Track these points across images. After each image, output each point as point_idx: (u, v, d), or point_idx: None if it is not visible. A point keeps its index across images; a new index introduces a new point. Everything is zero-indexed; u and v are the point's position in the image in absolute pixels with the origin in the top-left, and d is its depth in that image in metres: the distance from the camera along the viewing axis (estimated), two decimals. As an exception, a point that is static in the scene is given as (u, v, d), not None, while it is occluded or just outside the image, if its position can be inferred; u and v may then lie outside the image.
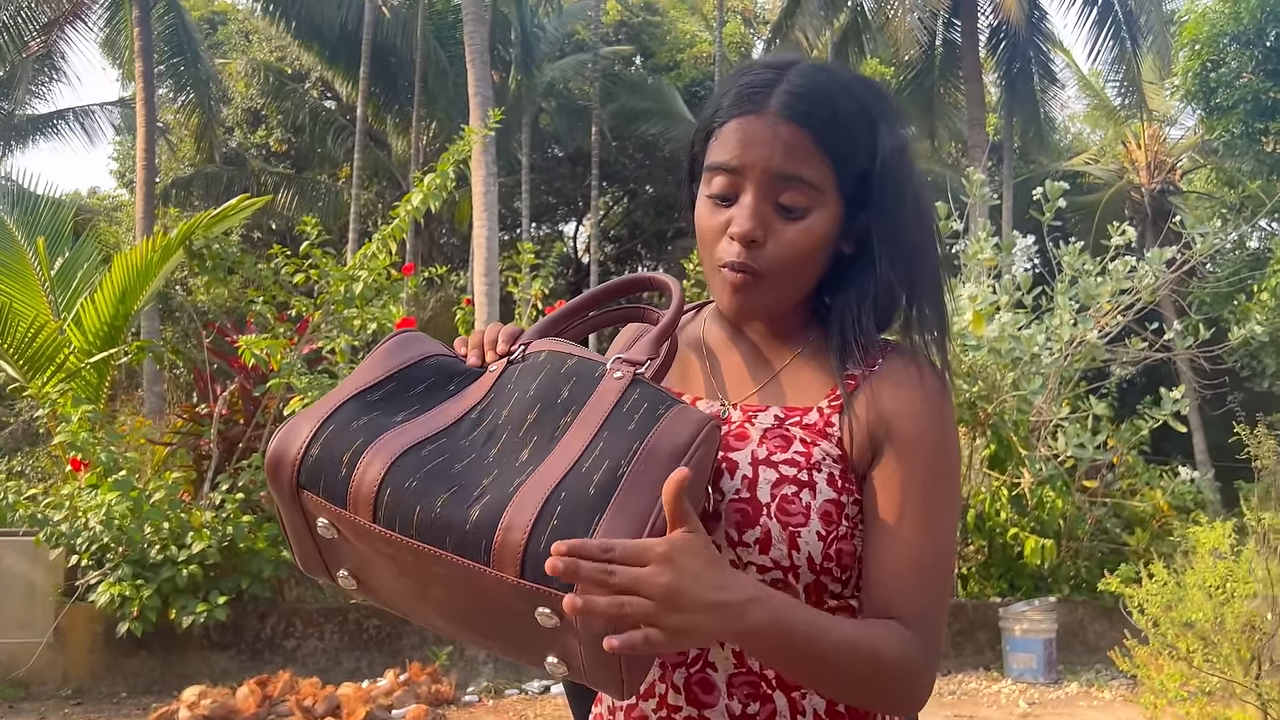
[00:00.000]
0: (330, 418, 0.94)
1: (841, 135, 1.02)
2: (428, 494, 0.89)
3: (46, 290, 7.18)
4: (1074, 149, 24.27)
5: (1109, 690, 6.04)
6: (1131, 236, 7.16)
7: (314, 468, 0.93)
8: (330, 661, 6.17)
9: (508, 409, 0.97)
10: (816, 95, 1.02)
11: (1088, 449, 6.77)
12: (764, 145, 1.01)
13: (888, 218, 1.04)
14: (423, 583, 0.92)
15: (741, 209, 1.02)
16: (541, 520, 0.86)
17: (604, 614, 0.82)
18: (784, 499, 0.99)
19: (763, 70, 1.05)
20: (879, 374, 1.05)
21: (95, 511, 5.73)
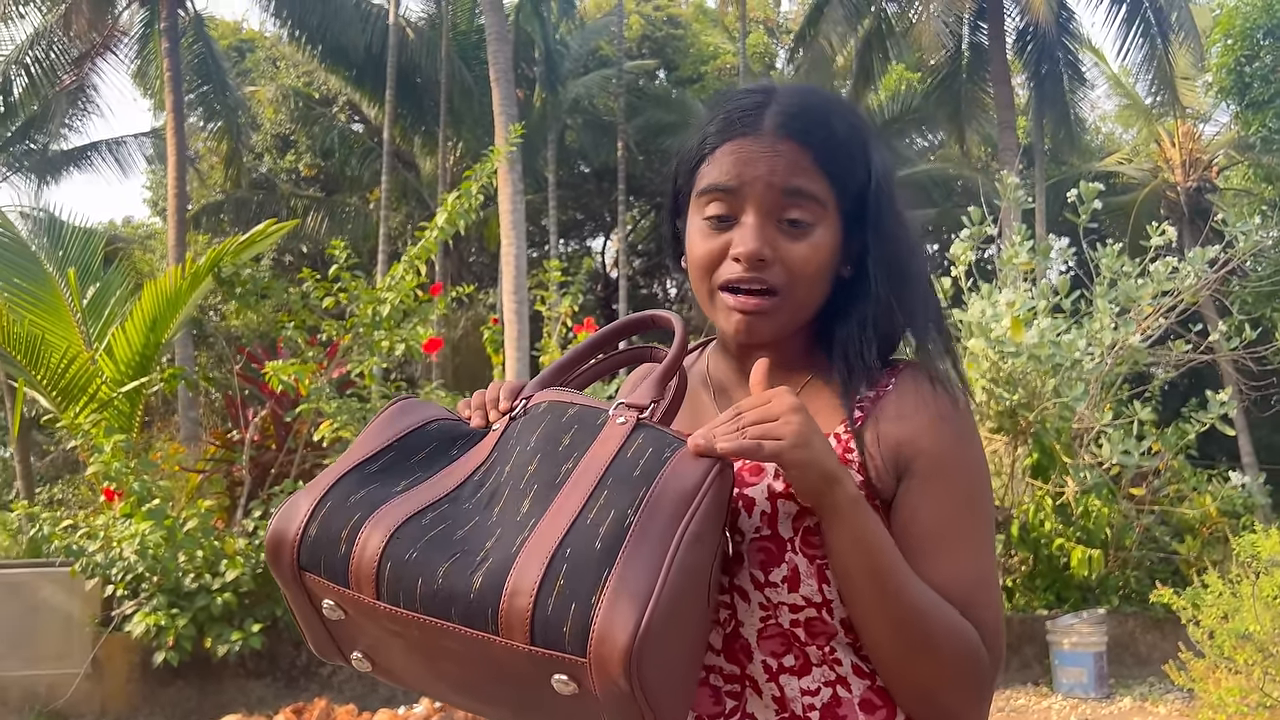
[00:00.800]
0: (327, 494, 0.91)
1: (840, 154, 1.00)
2: (429, 564, 0.85)
3: (78, 321, 7.23)
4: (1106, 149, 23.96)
5: (1164, 705, 5.85)
6: (1172, 236, 6.99)
7: (313, 547, 0.90)
8: (366, 688, 6.12)
9: (509, 465, 0.93)
10: (812, 114, 1.00)
11: (1133, 455, 6.59)
12: (764, 163, 0.98)
13: (884, 238, 1.02)
14: (432, 658, 0.88)
15: (745, 229, 0.99)
16: (547, 582, 0.82)
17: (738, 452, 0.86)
18: (807, 531, 0.95)
19: (747, 95, 1.02)
20: (890, 397, 1.02)
21: (129, 541, 5.73)
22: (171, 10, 15.19)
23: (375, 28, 17.63)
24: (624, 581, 0.81)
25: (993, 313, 6.53)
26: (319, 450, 6.49)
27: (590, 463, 0.90)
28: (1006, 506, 7.05)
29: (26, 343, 6.57)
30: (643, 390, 0.98)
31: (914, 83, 20.82)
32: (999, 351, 6.49)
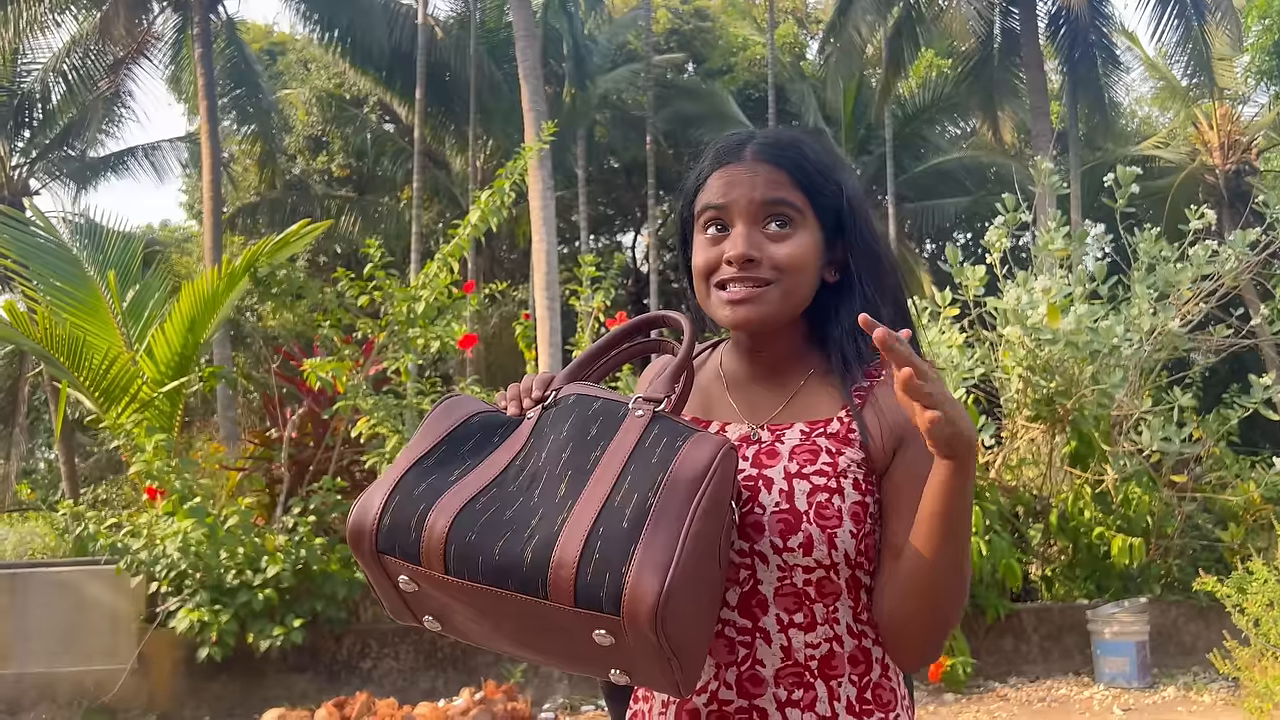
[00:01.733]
0: (395, 488, 1.08)
1: (811, 172, 1.18)
2: (486, 542, 1.01)
3: (119, 323, 7.34)
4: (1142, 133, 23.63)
5: (1209, 694, 5.78)
6: (1211, 220, 6.87)
7: (389, 534, 1.06)
8: (406, 681, 6.18)
9: (545, 452, 1.09)
10: (783, 142, 1.20)
11: (1174, 442, 6.50)
12: (746, 183, 1.17)
13: (862, 247, 1.20)
14: (495, 618, 1.05)
15: (735, 237, 1.17)
16: (585, 556, 0.98)
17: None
18: (819, 505, 1.13)
19: (732, 136, 1.24)
20: (883, 382, 1.18)
21: (172, 539, 5.82)
22: (204, 15, 15.38)
23: (404, 27, 17.75)
24: (648, 553, 0.97)
25: (1029, 300, 6.46)
26: (356, 447, 6.55)
27: (615, 451, 1.06)
28: (1045, 495, 6.98)
29: (69, 344, 6.69)
30: (657, 385, 1.13)
31: (945, 70, 20.63)
32: (1035, 339, 6.42)
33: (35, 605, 6.19)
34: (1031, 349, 6.53)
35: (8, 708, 6.05)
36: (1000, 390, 7.10)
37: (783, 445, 1.17)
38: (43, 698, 6.10)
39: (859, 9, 16.16)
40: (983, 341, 7.07)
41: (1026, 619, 6.58)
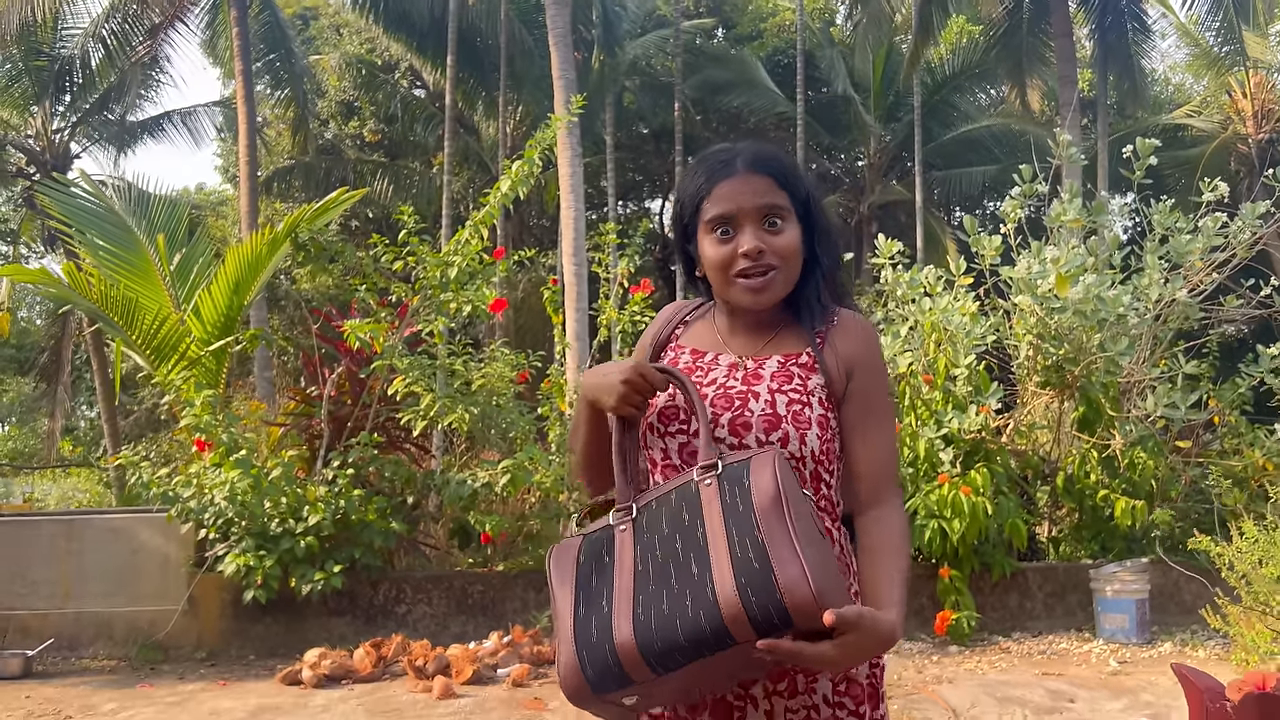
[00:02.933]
0: (576, 642, 1.29)
1: (789, 178, 1.53)
2: (669, 634, 1.24)
3: (167, 284, 7.69)
4: (1175, 101, 23.39)
5: (1203, 649, 6.02)
6: (1224, 192, 6.99)
7: (598, 680, 1.27)
8: (438, 625, 6.54)
9: (659, 548, 1.33)
10: (766, 155, 1.54)
11: (1180, 409, 6.69)
12: (745, 193, 1.50)
13: (823, 233, 1.57)
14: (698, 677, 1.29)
15: (746, 236, 1.50)
16: (744, 599, 1.22)
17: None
18: (795, 412, 1.47)
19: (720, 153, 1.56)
20: (836, 328, 1.55)
21: (220, 488, 6.18)
22: (240, -20, 15.60)
23: (436, -8, 17.89)
24: (782, 569, 1.22)
25: (1039, 269, 6.65)
26: (392, 404, 6.88)
27: (712, 521, 1.30)
28: (1053, 459, 7.20)
29: (123, 305, 7.05)
30: (702, 451, 1.40)
31: (976, 36, 20.51)
32: (1045, 307, 6.61)
33: (92, 550, 6.60)
34: (1041, 317, 6.73)
35: (69, 643, 6.47)
36: (1012, 357, 7.31)
37: (764, 370, 1.51)
38: (100, 635, 6.52)
39: (888, -25, 16.13)
40: (997, 310, 7.27)
41: (1032, 577, 6.84)
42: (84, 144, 19.16)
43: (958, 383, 6.89)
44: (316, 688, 5.54)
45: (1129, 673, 5.62)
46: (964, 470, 6.54)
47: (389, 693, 5.42)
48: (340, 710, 5.06)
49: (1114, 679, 5.49)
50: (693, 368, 1.57)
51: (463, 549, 6.97)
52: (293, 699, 5.33)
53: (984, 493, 6.30)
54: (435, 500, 6.98)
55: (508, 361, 7.11)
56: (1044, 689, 5.26)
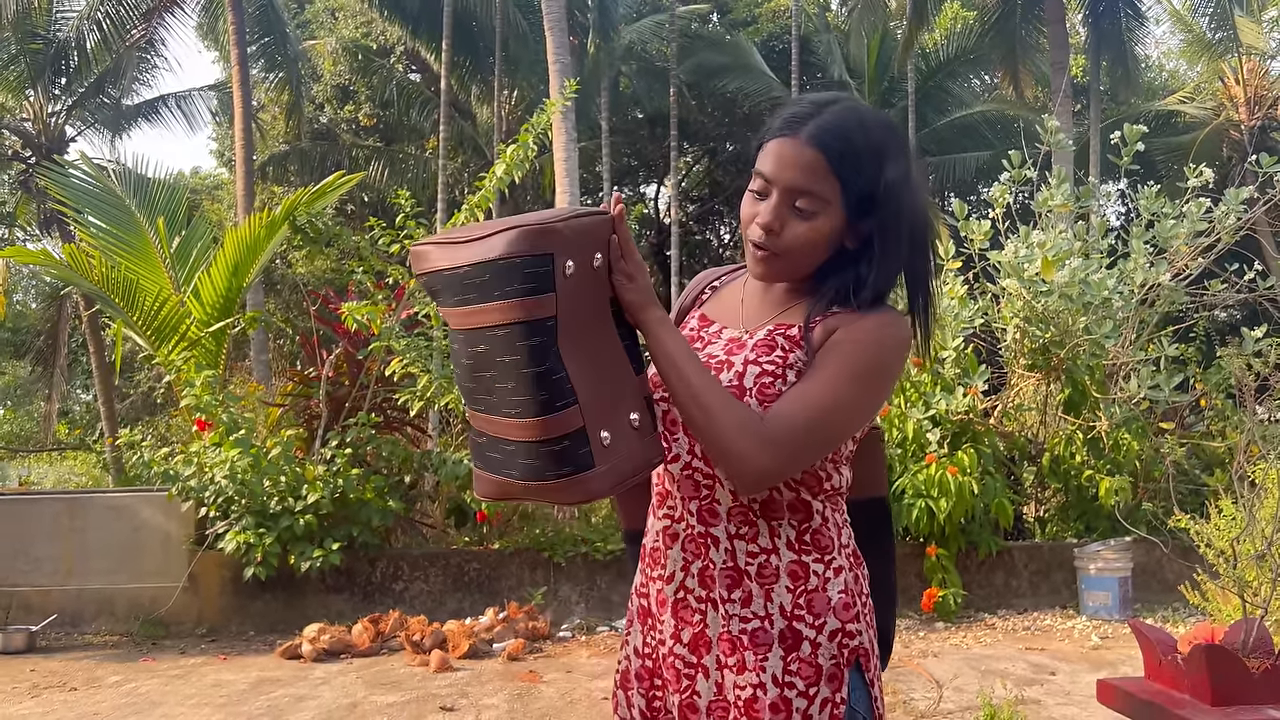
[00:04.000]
0: None
1: (850, 164, 1.36)
2: None
3: (167, 266, 7.77)
4: (1170, 87, 23.45)
5: (1184, 626, 6.16)
6: (1209, 178, 7.10)
7: None
8: (435, 602, 6.66)
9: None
10: (837, 130, 1.36)
11: (1164, 391, 6.82)
12: (790, 164, 1.37)
13: (885, 228, 1.39)
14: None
15: (767, 206, 1.39)
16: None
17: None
18: (762, 385, 1.38)
19: (808, 105, 1.40)
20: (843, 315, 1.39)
21: (220, 467, 6.29)
22: (235, -37, 15.60)
23: (431, -25, 17.89)
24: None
25: (1026, 253, 6.76)
26: (389, 385, 6.98)
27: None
28: (1039, 440, 7.33)
29: (123, 287, 7.13)
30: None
31: (969, 22, 20.54)
32: (1032, 291, 6.73)
33: (94, 528, 6.70)
34: (1028, 300, 6.84)
35: (71, 619, 6.59)
36: (999, 340, 7.43)
37: (750, 339, 1.43)
38: (102, 611, 6.63)
39: (883, -39, 16.16)
40: (985, 293, 7.38)
41: (1018, 555, 6.98)
42: (79, 127, 19.16)
43: (946, 365, 7.01)
44: (316, 661, 5.67)
45: (1110, 647, 5.76)
46: (951, 451, 6.66)
47: (387, 666, 5.55)
48: (339, 683, 5.18)
49: (1095, 653, 5.63)
50: (695, 337, 1.50)
51: (459, 527, 7.09)
52: (292, 672, 5.45)
53: (971, 473, 6.42)
54: (432, 479, 7.10)
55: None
56: (1026, 662, 5.40)
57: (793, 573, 1.38)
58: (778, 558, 1.38)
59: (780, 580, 1.38)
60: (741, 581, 1.39)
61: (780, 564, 1.38)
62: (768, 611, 1.37)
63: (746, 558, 1.39)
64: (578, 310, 1.22)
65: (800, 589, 1.38)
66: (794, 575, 1.38)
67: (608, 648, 5.92)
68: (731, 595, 1.39)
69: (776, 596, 1.38)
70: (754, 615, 1.38)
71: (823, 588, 1.38)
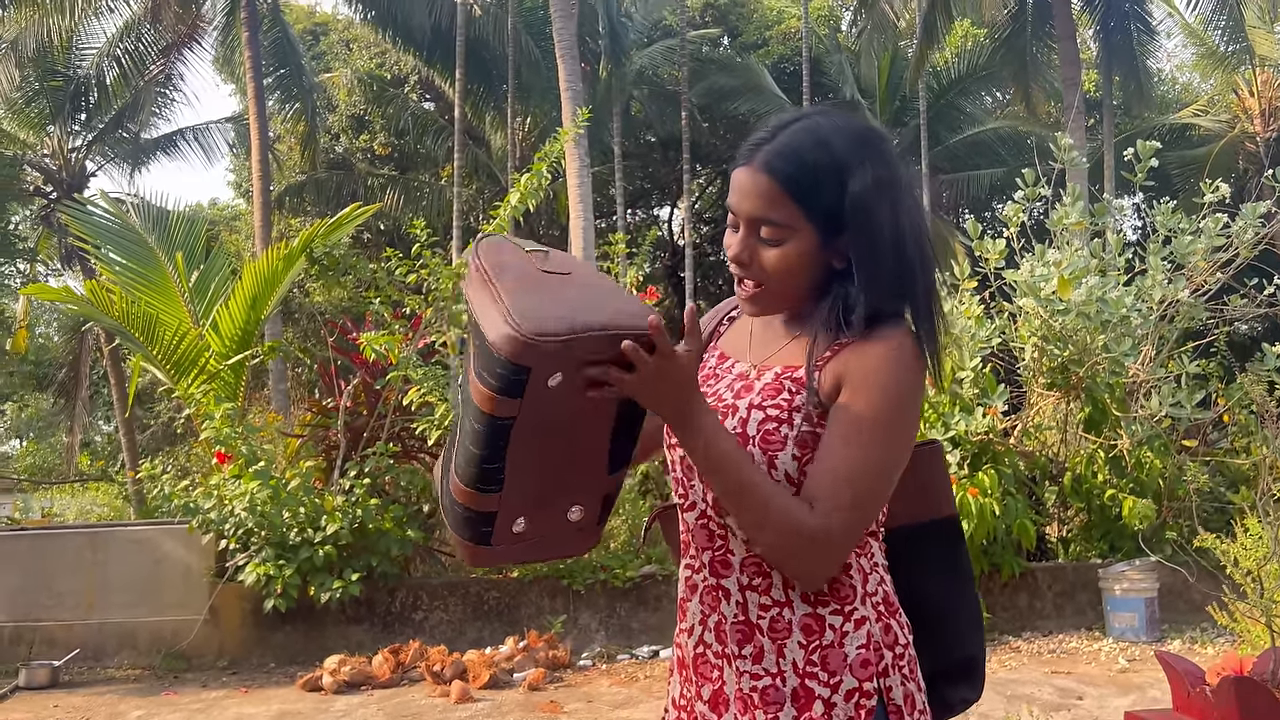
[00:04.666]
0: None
1: (804, 183, 1.31)
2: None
3: (186, 300, 7.85)
4: (1183, 100, 23.40)
5: (1212, 647, 6.08)
6: (1225, 193, 7.06)
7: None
8: (455, 631, 6.64)
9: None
10: (787, 153, 1.32)
11: (1186, 408, 6.75)
12: (747, 195, 1.34)
13: (860, 242, 1.32)
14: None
15: (737, 239, 1.37)
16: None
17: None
18: (766, 432, 1.32)
19: (768, 129, 1.37)
20: (858, 342, 1.32)
21: (240, 499, 6.31)
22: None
23: (443, 5, 18.08)
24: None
25: (1042, 272, 6.73)
26: (407, 414, 7.00)
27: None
28: (1061, 460, 7.27)
29: (143, 321, 7.20)
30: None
31: (980, 39, 20.58)
32: (1049, 309, 6.69)
33: (115, 561, 6.73)
34: (1045, 319, 6.81)
35: (93, 653, 6.60)
36: (1017, 359, 7.39)
37: (759, 381, 1.37)
38: (124, 645, 6.65)
39: (892, -19, 16.25)
40: (1002, 312, 7.35)
41: (1041, 577, 6.91)
42: (99, 162, 19.42)
43: (964, 385, 6.97)
44: (336, 694, 5.66)
45: (1137, 670, 5.68)
46: (972, 472, 6.61)
47: (407, 697, 5.53)
48: (360, 715, 5.17)
49: (1122, 676, 5.56)
50: (711, 374, 1.45)
51: (478, 556, 7.07)
52: (313, 704, 5.44)
53: (992, 494, 6.37)
54: (450, 508, 7.09)
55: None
56: (1053, 686, 5.33)
57: (806, 627, 1.32)
58: (791, 611, 1.32)
59: (793, 635, 1.32)
60: (753, 636, 1.34)
61: (793, 618, 1.32)
62: (779, 668, 1.31)
63: (759, 611, 1.33)
64: (550, 416, 1.21)
65: (814, 644, 1.31)
66: (807, 630, 1.32)
67: (628, 676, 5.89)
68: (743, 651, 1.34)
69: (789, 653, 1.31)
70: (765, 672, 1.32)
71: (839, 643, 1.31)
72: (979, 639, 1.49)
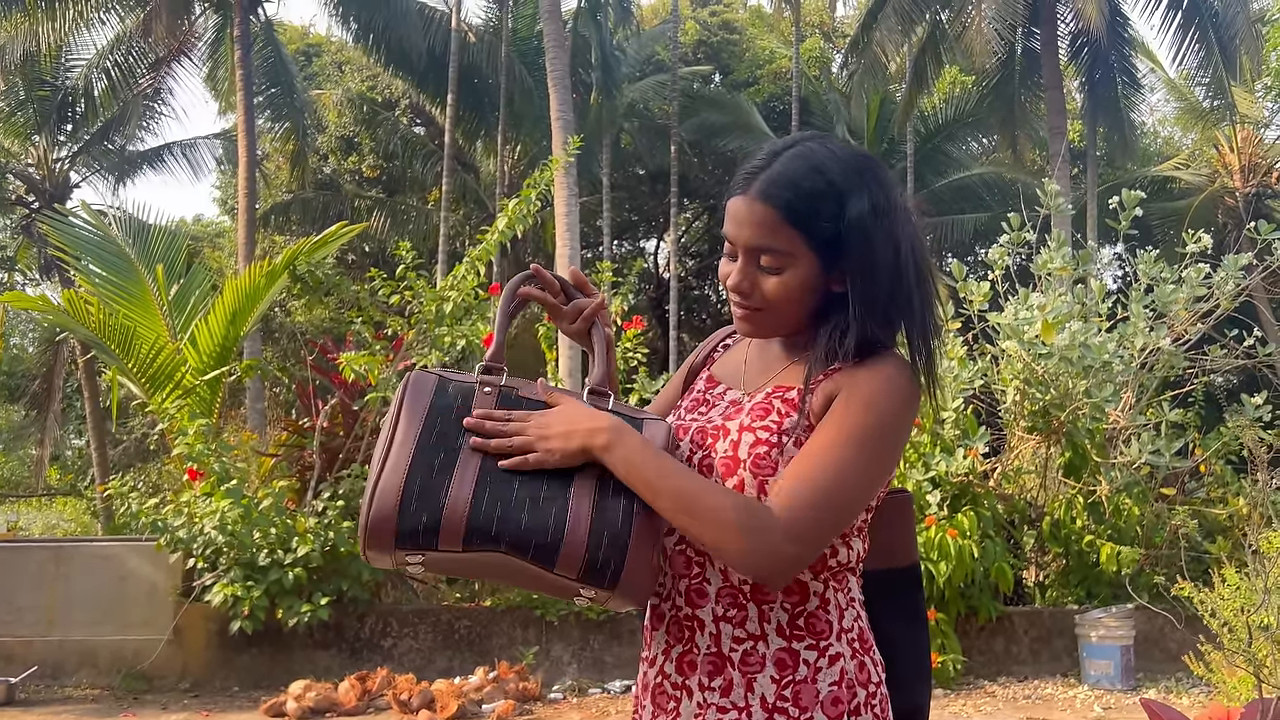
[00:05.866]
0: (404, 487, 1.20)
1: (803, 210, 1.30)
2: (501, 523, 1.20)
3: (165, 314, 7.75)
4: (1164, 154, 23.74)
5: (1187, 697, 6.04)
6: (1207, 243, 7.13)
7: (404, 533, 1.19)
8: (424, 660, 6.53)
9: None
10: (785, 180, 1.31)
11: (1165, 456, 6.77)
12: (745, 224, 1.33)
13: (858, 268, 1.31)
14: (487, 567, 1.25)
15: (736, 268, 1.35)
16: (592, 544, 1.21)
17: (498, 449, 1.24)
18: (757, 456, 1.30)
19: (763, 156, 1.35)
20: (844, 373, 1.32)
21: (210, 518, 6.19)
22: (244, 17, 15.83)
23: (437, 32, 18.15)
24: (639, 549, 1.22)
25: (1026, 315, 6.75)
26: (384, 437, 6.91)
27: None
28: (1040, 504, 7.26)
29: (120, 333, 7.10)
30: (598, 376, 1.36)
31: (968, 86, 20.84)
32: (1032, 353, 6.71)
33: (80, 577, 6.59)
34: (1028, 362, 6.82)
35: (52, 671, 6.44)
36: (999, 401, 7.39)
37: (749, 402, 1.36)
38: (84, 663, 6.49)
39: (883, 26, 16.42)
40: (984, 354, 7.36)
41: (1018, 621, 6.86)
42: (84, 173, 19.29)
43: (946, 426, 6.96)
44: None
45: (1113, 718, 5.63)
46: (951, 513, 6.59)
47: (373, 726, 5.41)
48: (324, 742, 5.05)
49: (1097, 724, 5.51)
50: (701, 400, 1.44)
51: (450, 584, 6.98)
52: (277, 730, 5.31)
53: (971, 536, 6.34)
54: (425, 534, 6.99)
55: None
56: (1028, 733, 5.28)
57: (780, 661, 1.30)
58: (765, 645, 1.30)
59: (765, 669, 1.30)
60: (724, 669, 1.31)
61: (767, 652, 1.30)
62: (747, 702, 1.29)
63: (732, 643, 1.31)
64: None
65: (787, 679, 1.29)
66: (781, 664, 1.30)
67: (599, 711, 5.79)
68: (712, 683, 1.31)
69: (759, 687, 1.29)
70: (732, 705, 1.29)
71: (812, 679, 1.29)
72: (926, 690, 1.47)
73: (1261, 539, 5.50)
